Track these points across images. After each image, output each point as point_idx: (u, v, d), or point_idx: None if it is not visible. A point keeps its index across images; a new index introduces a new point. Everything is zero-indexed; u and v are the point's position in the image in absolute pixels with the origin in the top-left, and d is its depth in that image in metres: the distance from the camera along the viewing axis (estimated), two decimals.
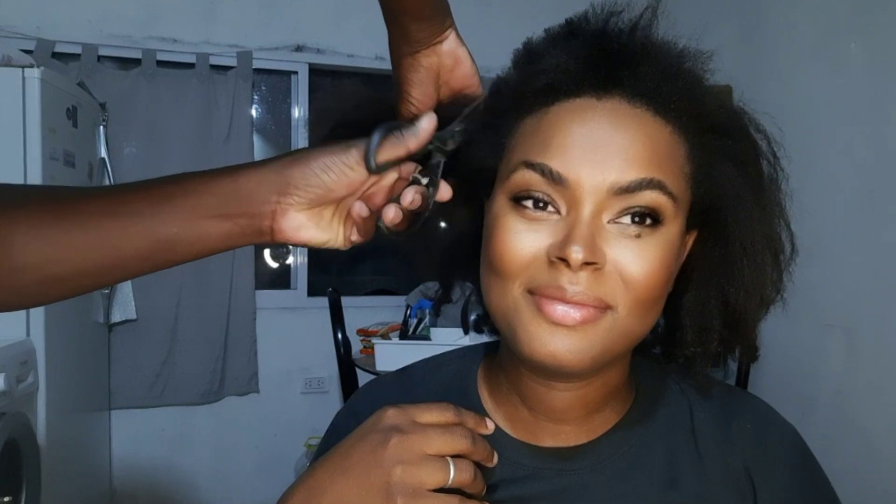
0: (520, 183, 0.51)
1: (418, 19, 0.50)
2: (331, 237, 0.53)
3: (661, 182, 0.49)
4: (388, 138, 0.51)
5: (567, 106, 0.51)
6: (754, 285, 0.54)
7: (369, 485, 0.48)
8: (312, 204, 0.50)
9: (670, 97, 0.51)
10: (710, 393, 0.61)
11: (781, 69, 2.25)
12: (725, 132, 0.54)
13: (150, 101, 2.76)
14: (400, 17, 0.50)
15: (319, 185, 0.50)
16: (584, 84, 0.51)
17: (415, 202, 0.52)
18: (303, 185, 0.49)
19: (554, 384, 0.56)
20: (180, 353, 2.82)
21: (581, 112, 0.51)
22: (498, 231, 0.52)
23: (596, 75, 0.51)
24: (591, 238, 0.48)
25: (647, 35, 0.53)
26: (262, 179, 0.50)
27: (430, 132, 0.51)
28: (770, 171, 0.56)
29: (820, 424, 2.06)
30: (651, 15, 0.54)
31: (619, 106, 0.51)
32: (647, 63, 0.51)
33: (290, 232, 0.51)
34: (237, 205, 0.50)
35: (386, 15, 0.50)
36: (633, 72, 0.51)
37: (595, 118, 0.50)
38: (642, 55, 0.52)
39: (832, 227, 2.01)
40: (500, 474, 0.57)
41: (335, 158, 0.50)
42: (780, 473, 0.58)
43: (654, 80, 0.51)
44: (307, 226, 0.51)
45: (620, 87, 0.51)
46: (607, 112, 0.50)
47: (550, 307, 0.49)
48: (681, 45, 0.54)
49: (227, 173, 0.51)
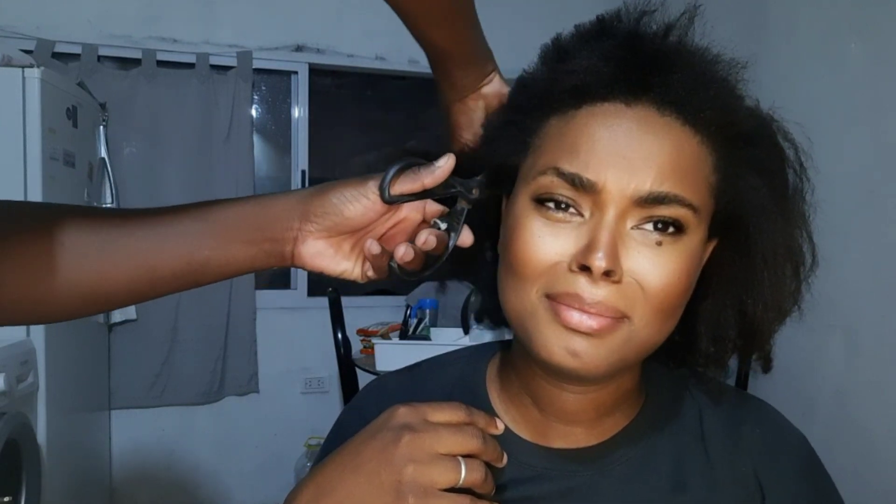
0: (545, 186, 0.50)
1: (463, 66, 0.54)
2: (347, 268, 0.55)
3: (681, 197, 0.49)
4: (405, 172, 0.53)
5: (595, 110, 0.51)
6: (773, 297, 0.54)
7: (380, 483, 0.48)
8: (331, 232, 0.53)
9: (701, 107, 0.50)
10: (719, 397, 0.61)
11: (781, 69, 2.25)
12: (753, 141, 0.53)
13: (150, 101, 2.76)
14: (445, 64, 0.53)
15: (336, 214, 0.52)
16: (615, 88, 0.50)
17: (428, 243, 0.53)
18: (321, 212, 0.52)
19: (566, 386, 0.56)
20: (180, 353, 2.82)
21: (610, 118, 0.50)
22: (520, 233, 0.51)
23: (627, 80, 0.50)
24: (614, 245, 0.48)
25: (680, 40, 0.52)
26: (286, 207, 0.53)
27: (446, 171, 0.53)
28: (795, 182, 0.55)
29: (820, 424, 2.06)
30: (688, 21, 0.53)
31: (648, 113, 0.50)
32: (679, 70, 0.50)
33: (307, 258, 0.53)
34: (263, 230, 0.52)
35: (432, 64, 0.54)
36: (664, 78, 0.50)
37: (624, 125, 0.49)
38: (675, 61, 0.51)
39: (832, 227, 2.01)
40: (509, 474, 0.57)
41: (353, 189, 0.52)
42: (788, 479, 0.58)
43: (686, 88, 0.50)
44: (325, 254, 0.54)
45: (650, 93, 0.50)
46: (636, 119, 0.50)
47: (568, 313, 0.49)
48: (714, 52, 0.53)
49: (256, 201, 0.54)
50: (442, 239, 0.54)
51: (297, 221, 0.52)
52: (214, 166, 2.85)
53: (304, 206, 0.52)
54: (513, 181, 0.55)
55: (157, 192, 2.76)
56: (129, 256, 0.51)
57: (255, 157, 2.96)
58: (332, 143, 3.24)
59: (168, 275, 0.52)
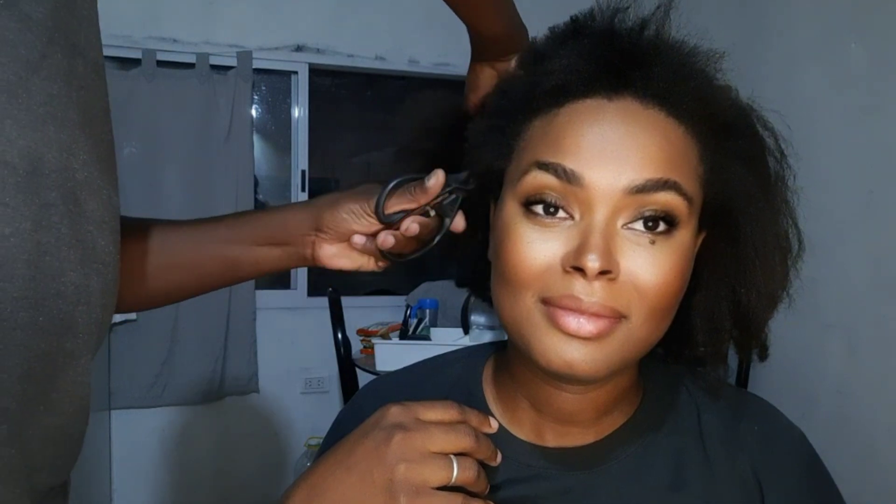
0: (532, 185, 0.50)
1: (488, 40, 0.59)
2: (363, 263, 0.62)
3: (677, 183, 0.49)
4: (399, 191, 0.57)
5: (577, 107, 0.51)
6: (766, 285, 0.54)
7: (372, 482, 0.48)
8: (342, 238, 0.60)
9: (683, 98, 0.50)
10: (717, 395, 0.61)
11: (781, 69, 2.25)
12: (735, 131, 0.53)
13: (150, 101, 2.76)
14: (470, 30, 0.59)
15: (345, 227, 0.59)
16: (595, 85, 0.50)
17: (410, 230, 0.56)
18: (332, 224, 0.59)
19: (564, 387, 0.55)
20: (180, 353, 2.82)
21: (593, 112, 0.50)
22: (510, 240, 0.51)
23: (607, 76, 0.50)
24: (606, 246, 0.48)
25: (658, 34, 0.53)
26: (303, 216, 0.60)
27: (437, 188, 0.56)
28: (777, 169, 0.56)
29: (820, 424, 2.06)
30: (663, 14, 0.53)
31: (631, 106, 0.50)
32: (658, 63, 0.50)
33: (325, 259, 0.61)
34: (284, 235, 0.61)
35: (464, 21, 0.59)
36: (644, 72, 0.50)
37: (607, 118, 0.49)
38: (654, 55, 0.51)
39: (832, 227, 2.01)
40: (505, 474, 0.57)
41: (358, 206, 0.58)
42: (787, 476, 0.58)
43: (667, 80, 0.50)
44: (340, 255, 0.61)
45: (632, 87, 0.50)
46: (620, 112, 0.50)
47: (565, 319, 0.48)
48: (691, 44, 0.53)
49: (277, 210, 0.63)
50: (426, 225, 0.57)
51: (313, 230, 0.60)
52: (214, 166, 2.85)
53: (317, 218, 0.59)
54: (499, 186, 0.55)
55: (158, 192, 2.76)
56: (175, 256, 0.61)
57: (255, 157, 2.96)
58: (332, 143, 3.24)
59: (209, 272, 0.62)
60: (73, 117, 0.39)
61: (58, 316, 0.38)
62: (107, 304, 0.43)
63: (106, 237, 0.42)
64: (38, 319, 0.37)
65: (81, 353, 0.41)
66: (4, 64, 0.35)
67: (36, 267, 0.36)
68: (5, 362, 0.36)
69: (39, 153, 0.36)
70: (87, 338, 0.41)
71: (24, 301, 0.36)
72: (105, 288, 0.42)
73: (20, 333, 0.36)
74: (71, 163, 0.38)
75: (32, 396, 0.38)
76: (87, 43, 0.41)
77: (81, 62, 0.40)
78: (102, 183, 0.42)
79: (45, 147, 0.37)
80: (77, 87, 0.39)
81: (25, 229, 0.36)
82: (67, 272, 0.38)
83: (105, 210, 0.42)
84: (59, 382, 0.40)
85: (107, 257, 0.42)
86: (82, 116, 0.40)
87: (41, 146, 0.37)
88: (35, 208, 0.36)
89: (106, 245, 0.42)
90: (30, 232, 0.36)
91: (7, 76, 0.35)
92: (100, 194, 0.41)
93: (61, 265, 0.38)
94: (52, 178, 0.37)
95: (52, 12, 0.37)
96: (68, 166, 0.38)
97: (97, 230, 0.41)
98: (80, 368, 0.41)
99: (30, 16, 0.36)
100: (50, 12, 0.37)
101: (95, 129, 0.41)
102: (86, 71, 0.41)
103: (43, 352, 0.38)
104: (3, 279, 0.35)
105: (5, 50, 0.35)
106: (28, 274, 0.36)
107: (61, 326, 0.39)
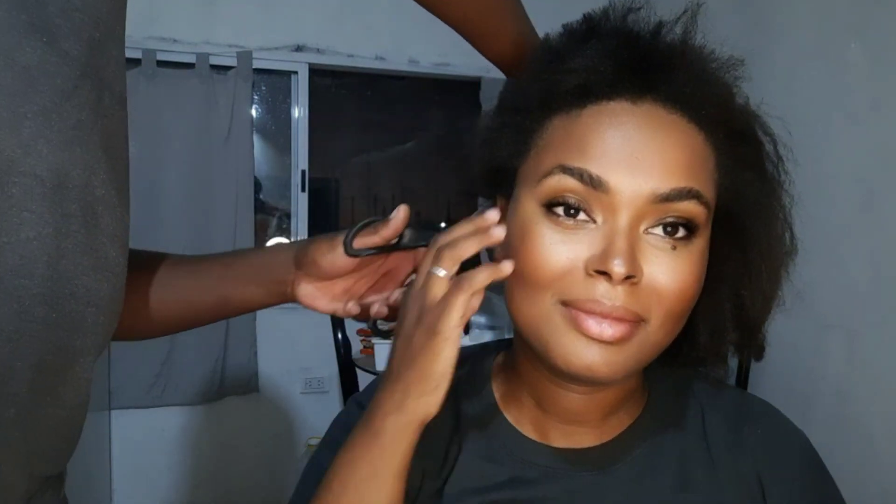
0: (555, 188, 0.50)
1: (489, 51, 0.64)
2: (337, 308, 0.63)
3: (699, 192, 0.49)
4: (366, 228, 0.58)
5: (601, 109, 0.50)
6: (770, 289, 0.54)
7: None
8: (320, 278, 0.61)
9: (704, 104, 0.50)
10: (721, 397, 0.61)
11: (781, 69, 2.25)
12: (745, 137, 0.53)
13: (150, 101, 2.76)
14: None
15: (315, 265, 0.60)
16: (619, 87, 0.50)
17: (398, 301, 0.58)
18: (307, 262, 0.60)
19: (572, 387, 0.55)
20: (180, 353, 2.82)
21: (617, 116, 0.49)
22: (531, 240, 0.50)
23: (632, 79, 0.50)
24: (631, 250, 0.48)
25: (683, 38, 0.52)
26: (284, 257, 0.63)
27: (402, 221, 0.57)
28: (773, 173, 0.56)
29: (820, 424, 2.06)
30: (690, 18, 0.53)
31: (655, 111, 0.50)
32: (682, 68, 0.50)
33: (301, 298, 0.62)
34: (267, 275, 0.63)
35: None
36: (668, 76, 0.50)
37: (632, 123, 0.49)
38: (678, 59, 0.51)
39: (832, 227, 2.01)
40: (512, 473, 0.57)
41: (327, 244, 0.59)
42: (790, 479, 0.58)
43: (690, 85, 0.50)
44: (315, 295, 0.62)
45: (655, 91, 0.50)
46: (644, 117, 0.49)
47: (586, 322, 0.48)
48: (712, 49, 0.53)
49: (264, 251, 0.66)
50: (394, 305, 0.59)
51: (293, 269, 0.62)
52: (214, 166, 2.85)
53: (296, 257, 0.61)
54: (511, 184, 0.55)
55: (157, 193, 2.76)
56: (176, 292, 0.64)
57: (255, 157, 2.96)
58: (332, 143, 3.24)
59: (204, 308, 0.65)
60: (97, 141, 0.43)
61: (70, 315, 0.42)
62: (113, 309, 0.47)
63: (116, 249, 0.46)
64: (52, 316, 0.41)
65: (88, 351, 0.45)
66: (43, 92, 0.40)
67: (54, 268, 0.41)
68: (21, 351, 0.40)
69: (66, 170, 0.41)
70: (94, 338, 0.45)
71: (42, 298, 0.40)
72: (113, 294, 0.46)
73: (36, 326, 0.40)
74: (92, 181, 0.43)
75: (41, 386, 0.42)
76: (113, 78, 0.45)
77: (108, 94, 0.45)
78: (117, 202, 0.46)
79: (71, 165, 0.41)
80: (102, 116, 0.44)
81: (47, 234, 0.40)
82: (81, 276, 0.43)
83: (118, 225, 0.46)
84: (66, 376, 0.44)
85: (116, 267, 0.46)
86: (105, 142, 0.44)
87: (67, 164, 0.41)
88: (57, 217, 0.41)
89: (116, 256, 0.46)
90: (51, 237, 0.40)
91: (44, 102, 0.40)
92: (114, 211, 0.45)
93: (76, 269, 0.42)
94: (75, 192, 0.42)
95: (86, 50, 0.42)
96: (89, 183, 0.43)
97: (110, 242, 0.45)
98: (86, 366, 0.45)
99: (67, 52, 0.41)
100: (84, 50, 0.42)
101: (115, 153, 0.46)
102: (111, 102, 0.45)
103: (55, 346, 0.42)
104: (25, 276, 0.39)
105: (44, 80, 0.40)
106: (47, 274, 0.40)
107: (72, 324, 0.43)
